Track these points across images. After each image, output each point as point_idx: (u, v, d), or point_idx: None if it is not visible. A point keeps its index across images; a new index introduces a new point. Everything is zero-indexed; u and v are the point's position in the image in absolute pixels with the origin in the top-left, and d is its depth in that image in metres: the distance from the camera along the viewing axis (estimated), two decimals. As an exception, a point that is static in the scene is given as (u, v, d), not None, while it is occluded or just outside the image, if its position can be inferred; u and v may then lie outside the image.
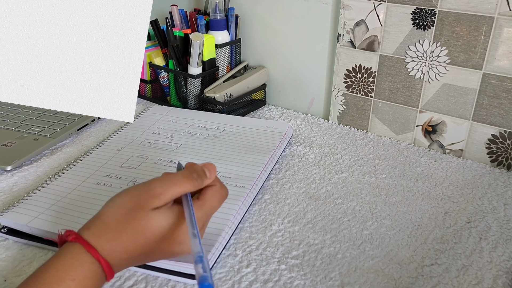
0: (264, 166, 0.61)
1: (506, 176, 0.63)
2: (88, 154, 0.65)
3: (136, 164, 0.62)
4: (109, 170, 0.61)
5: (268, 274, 0.46)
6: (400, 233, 0.52)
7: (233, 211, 0.52)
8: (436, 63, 0.66)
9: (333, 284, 0.45)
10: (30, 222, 0.50)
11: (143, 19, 0.41)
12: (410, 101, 0.70)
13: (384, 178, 0.63)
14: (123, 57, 0.41)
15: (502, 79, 0.62)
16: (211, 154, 0.65)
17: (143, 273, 0.46)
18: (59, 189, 0.57)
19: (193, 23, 0.83)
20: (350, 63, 0.74)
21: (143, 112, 0.79)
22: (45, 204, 0.54)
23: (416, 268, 0.47)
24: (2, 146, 0.68)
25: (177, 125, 0.74)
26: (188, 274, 0.45)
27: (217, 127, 0.73)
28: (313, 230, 0.52)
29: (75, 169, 0.61)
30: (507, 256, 0.48)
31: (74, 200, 0.55)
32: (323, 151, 0.70)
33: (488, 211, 0.56)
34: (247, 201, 0.55)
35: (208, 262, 0.36)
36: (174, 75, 0.83)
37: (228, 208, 0.52)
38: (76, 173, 0.60)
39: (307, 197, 0.59)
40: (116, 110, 0.42)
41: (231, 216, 0.51)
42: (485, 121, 0.65)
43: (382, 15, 0.68)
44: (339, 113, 0.79)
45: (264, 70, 0.85)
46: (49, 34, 0.41)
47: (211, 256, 0.46)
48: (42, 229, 0.50)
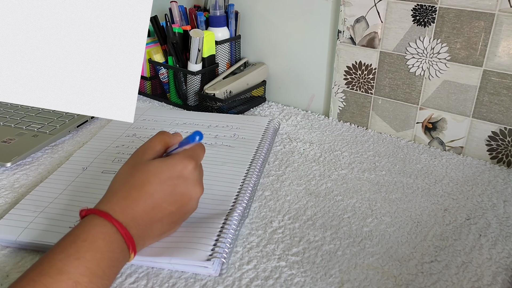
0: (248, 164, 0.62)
1: (506, 173, 0.64)
2: (73, 155, 0.65)
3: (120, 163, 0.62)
4: (91, 172, 0.61)
5: (269, 271, 0.46)
6: (400, 230, 0.52)
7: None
8: (437, 60, 0.66)
9: (333, 281, 0.45)
10: (20, 236, 0.49)
11: (143, 18, 0.41)
12: (410, 98, 0.70)
13: (384, 175, 0.63)
14: (123, 57, 0.41)
15: (503, 76, 0.62)
16: None
17: (144, 270, 0.46)
18: (45, 195, 0.56)
19: (193, 20, 0.83)
20: (350, 60, 0.74)
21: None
22: (34, 213, 0.52)
23: (416, 265, 0.47)
24: (1, 143, 0.68)
25: (157, 124, 0.74)
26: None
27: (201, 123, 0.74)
28: (313, 227, 0.52)
29: (59, 173, 0.61)
30: (507, 253, 0.49)
31: (60, 204, 0.54)
32: (323, 148, 0.70)
33: (488, 208, 0.56)
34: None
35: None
36: (174, 71, 0.83)
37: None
38: (60, 177, 0.60)
39: (307, 194, 0.59)
40: (116, 110, 0.42)
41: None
42: (486, 118, 0.65)
43: (382, 11, 0.68)
44: (339, 109, 0.79)
45: (264, 66, 0.85)
46: (49, 33, 0.41)
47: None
48: (33, 241, 0.48)
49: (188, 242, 0.47)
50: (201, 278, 0.45)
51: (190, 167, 0.45)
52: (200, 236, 0.48)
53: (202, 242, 0.47)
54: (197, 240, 0.48)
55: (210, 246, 0.47)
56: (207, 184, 0.57)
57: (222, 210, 0.53)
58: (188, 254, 0.46)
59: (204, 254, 0.46)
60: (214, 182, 0.58)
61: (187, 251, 0.46)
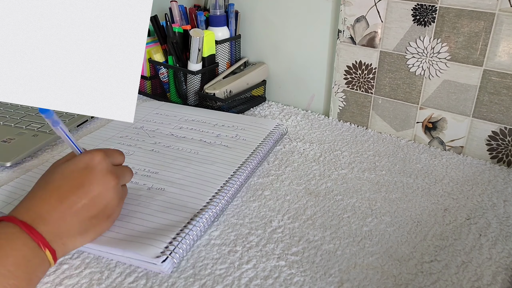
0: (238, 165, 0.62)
1: (506, 172, 0.63)
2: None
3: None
4: None
5: (268, 270, 0.46)
6: (399, 230, 0.52)
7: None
8: (437, 60, 0.66)
9: (333, 281, 0.45)
10: (4, 208, 0.52)
11: (143, 18, 0.41)
12: (411, 98, 0.70)
13: (384, 174, 0.63)
14: (123, 56, 0.41)
15: (503, 75, 0.62)
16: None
17: (144, 270, 0.46)
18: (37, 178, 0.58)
19: (193, 19, 0.83)
20: (351, 60, 0.74)
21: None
22: (22, 191, 0.55)
23: (415, 265, 0.47)
24: (1, 143, 0.68)
25: (167, 118, 0.75)
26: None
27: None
28: (313, 227, 0.52)
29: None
30: (507, 253, 0.48)
31: None
32: (323, 148, 0.70)
33: (488, 208, 0.56)
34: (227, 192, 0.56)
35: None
36: (174, 71, 0.83)
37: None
38: None
39: (307, 193, 0.59)
40: (116, 110, 0.42)
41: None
42: (486, 118, 0.65)
43: (382, 11, 0.68)
44: (339, 109, 0.78)
45: (264, 66, 0.85)
46: (49, 33, 0.41)
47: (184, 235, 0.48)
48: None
49: (146, 237, 0.47)
50: (201, 277, 0.45)
51: (98, 157, 0.45)
52: (159, 233, 0.48)
53: (158, 239, 0.47)
54: (154, 236, 0.48)
55: (165, 243, 0.47)
56: (187, 181, 0.57)
57: (192, 208, 0.52)
58: (140, 249, 0.46)
59: (156, 250, 0.46)
60: (195, 180, 0.58)
61: (141, 246, 0.46)
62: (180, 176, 0.59)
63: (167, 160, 0.62)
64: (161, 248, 0.46)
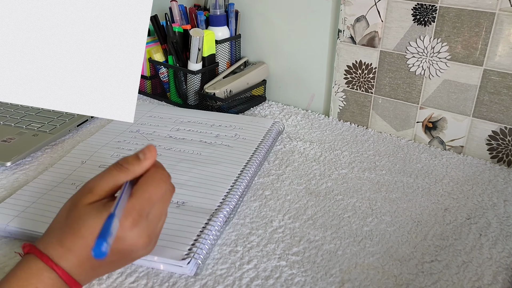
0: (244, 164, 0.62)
1: (507, 172, 0.64)
2: (75, 148, 0.66)
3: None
4: (84, 172, 0.61)
5: (269, 270, 0.46)
6: (400, 230, 0.52)
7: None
8: (437, 59, 0.66)
9: (334, 281, 0.45)
10: (10, 222, 0.50)
11: (143, 18, 0.41)
12: (411, 97, 0.70)
13: (384, 174, 0.63)
14: (123, 56, 0.41)
15: (503, 75, 0.62)
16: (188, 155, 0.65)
17: (145, 270, 0.46)
18: (41, 186, 0.57)
19: (193, 19, 0.82)
20: (351, 59, 0.74)
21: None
22: (27, 203, 0.54)
23: (416, 265, 0.47)
24: (1, 142, 0.68)
25: (162, 121, 0.75)
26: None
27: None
28: (314, 227, 0.52)
29: (58, 166, 0.62)
30: (507, 253, 0.49)
31: (50, 200, 0.55)
32: (323, 147, 0.70)
33: (488, 208, 0.56)
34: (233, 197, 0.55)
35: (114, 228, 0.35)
36: (174, 71, 0.83)
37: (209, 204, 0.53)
38: (58, 170, 0.61)
39: (308, 193, 0.59)
40: (116, 110, 0.42)
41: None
42: (486, 118, 0.65)
43: (382, 10, 0.67)
44: (339, 109, 0.78)
45: (264, 66, 0.85)
46: (49, 33, 0.41)
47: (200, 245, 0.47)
48: (23, 229, 0.49)
49: (167, 240, 0.47)
50: (201, 277, 0.45)
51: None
52: (179, 235, 0.48)
53: (180, 241, 0.47)
54: (175, 238, 0.48)
55: (187, 245, 0.47)
56: (196, 183, 0.57)
57: (207, 209, 0.52)
58: (163, 252, 0.46)
59: (180, 253, 0.46)
60: (205, 181, 0.58)
61: (163, 249, 0.46)
62: (188, 178, 0.59)
63: (171, 163, 0.62)
64: (185, 250, 0.46)
